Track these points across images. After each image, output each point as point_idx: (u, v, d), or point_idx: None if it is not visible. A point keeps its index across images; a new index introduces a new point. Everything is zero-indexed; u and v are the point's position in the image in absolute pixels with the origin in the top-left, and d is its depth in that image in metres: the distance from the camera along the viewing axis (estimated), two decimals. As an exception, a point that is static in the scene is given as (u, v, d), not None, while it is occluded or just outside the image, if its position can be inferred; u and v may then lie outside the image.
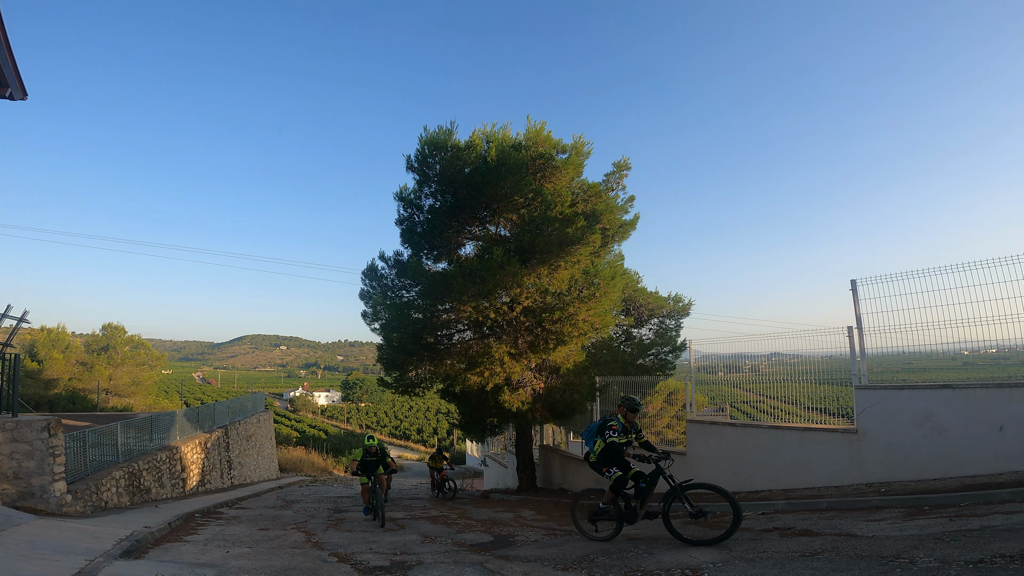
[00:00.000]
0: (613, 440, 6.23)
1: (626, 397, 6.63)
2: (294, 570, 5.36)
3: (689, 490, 5.72)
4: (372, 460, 9.57)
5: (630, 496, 6.22)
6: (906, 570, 3.70)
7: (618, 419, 6.45)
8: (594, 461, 6.43)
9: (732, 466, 9.39)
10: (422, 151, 13.24)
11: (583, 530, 6.55)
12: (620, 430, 6.31)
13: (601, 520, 6.46)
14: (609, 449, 6.29)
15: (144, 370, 38.36)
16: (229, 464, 19.67)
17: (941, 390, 7.44)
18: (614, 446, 6.25)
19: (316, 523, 9.21)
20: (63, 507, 8.46)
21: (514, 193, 12.35)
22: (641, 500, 6.08)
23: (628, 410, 6.49)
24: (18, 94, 8.56)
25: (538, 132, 13.36)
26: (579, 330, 11.89)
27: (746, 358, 10.81)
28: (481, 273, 11.58)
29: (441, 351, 13.16)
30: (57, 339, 34.95)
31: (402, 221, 14.09)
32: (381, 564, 5.62)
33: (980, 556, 3.73)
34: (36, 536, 6.04)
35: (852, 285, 8.37)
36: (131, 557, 5.72)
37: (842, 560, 4.16)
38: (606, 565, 5.00)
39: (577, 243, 11.91)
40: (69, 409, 28.56)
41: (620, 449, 6.21)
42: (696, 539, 5.51)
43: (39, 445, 8.35)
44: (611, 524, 6.37)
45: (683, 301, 16.84)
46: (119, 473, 10.99)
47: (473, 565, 5.36)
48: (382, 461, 9.61)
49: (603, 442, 6.29)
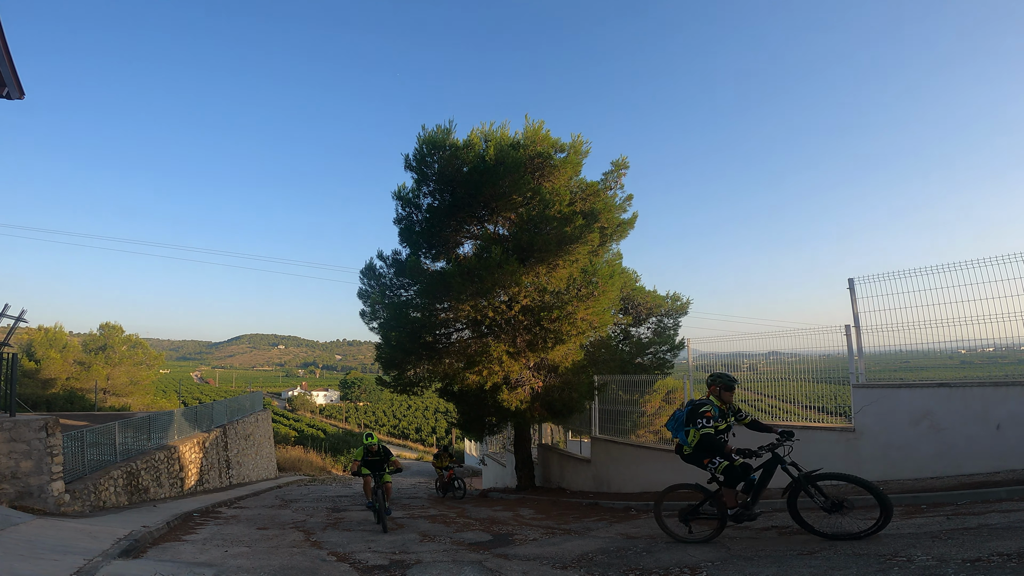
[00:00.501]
0: (708, 432, 5.36)
1: (719, 374, 5.69)
2: (293, 569, 5.36)
3: (818, 480, 4.99)
4: (374, 459, 9.02)
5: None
6: (904, 568, 3.71)
7: (711, 402, 5.55)
8: (690, 453, 5.62)
9: (730, 465, 9.40)
10: (420, 150, 13.23)
11: (671, 531, 5.80)
12: (716, 415, 5.46)
13: (697, 520, 5.67)
14: (705, 441, 5.42)
15: (142, 370, 38.34)
16: (227, 464, 19.65)
17: (938, 389, 7.46)
18: (709, 439, 5.37)
19: (315, 522, 9.20)
20: (61, 507, 8.44)
21: (512, 192, 12.35)
22: (754, 495, 5.29)
23: (722, 388, 5.60)
24: (15, 93, 8.52)
25: (536, 131, 13.35)
26: (577, 329, 11.89)
27: (744, 357, 10.82)
28: (479, 272, 11.57)
29: (440, 350, 13.16)
30: (55, 339, 34.88)
31: (400, 220, 14.08)
32: (380, 563, 5.62)
33: (978, 554, 3.74)
34: (34, 536, 6.03)
35: (850, 284, 8.39)
36: (129, 557, 5.71)
37: (840, 558, 4.17)
38: (605, 564, 5.01)
39: (575, 242, 11.91)
40: (67, 409, 28.51)
41: (719, 442, 5.34)
42: (835, 533, 4.83)
43: (37, 445, 8.33)
44: (710, 524, 5.59)
45: (681, 300, 16.85)
46: (117, 473, 10.97)
47: (472, 564, 5.36)
48: (385, 460, 9.06)
49: (697, 432, 5.44)
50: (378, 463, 8.98)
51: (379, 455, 9.00)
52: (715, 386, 5.65)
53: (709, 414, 5.39)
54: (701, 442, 5.44)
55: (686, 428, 5.60)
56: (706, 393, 5.81)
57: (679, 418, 5.72)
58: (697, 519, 5.64)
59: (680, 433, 5.69)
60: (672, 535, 5.73)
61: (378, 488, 8.63)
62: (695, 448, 5.53)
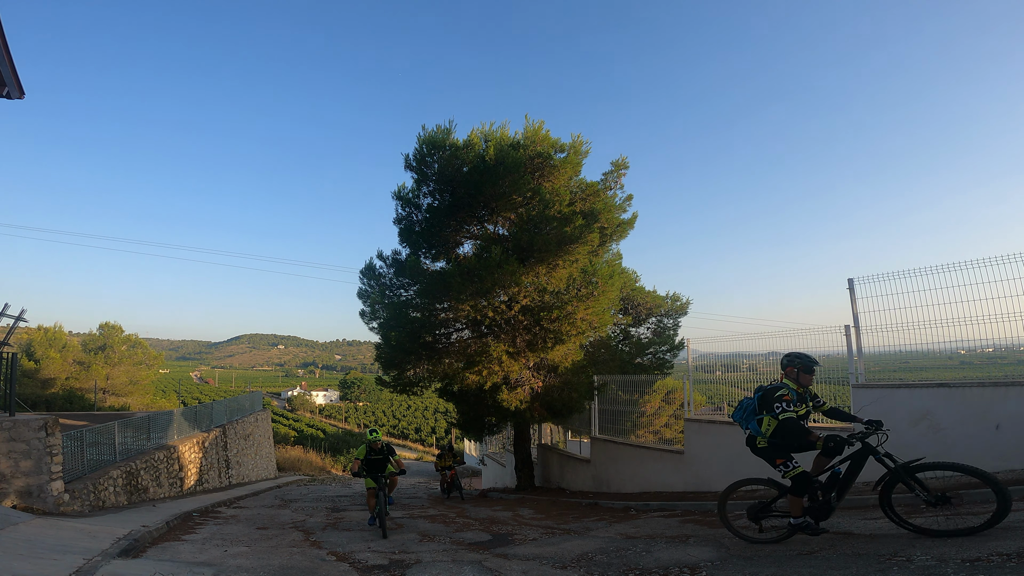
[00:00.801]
0: (790, 416, 4.70)
1: (797, 354, 5.05)
2: (292, 569, 5.36)
3: (918, 471, 4.46)
4: (377, 458, 8.42)
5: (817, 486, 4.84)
6: (903, 568, 3.71)
7: (787, 386, 4.94)
8: (764, 447, 5.02)
9: (730, 464, 9.39)
10: (420, 150, 13.23)
11: (736, 530, 5.30)
12: (795, 399, 4.85)
13: (769, 517, 5.16)
14: (786, 427, 4.74)
15: (141, 369, 38.33)
16: (227, 463, 19.64)
17: (938, 389, 7.46)
18: (792, 425, 4.70)
19: (314, 522, 9.19)
20: (61, 506, 8.44)
21: (512, 192, 12.35)
22: (839, 491, 4.74)
23: (800, 370, 4.97)
24: (15, 93, 8.53)
25: (536, 131, 13.36)
26: (577, 329, 11.90)
27: (744, 357, 10.81)
28: (479, 272, 11.58)
29: (439, 350, 13.16)
30: (54, 338, 34.86)
31: (400, 220, 14.09)
32: (379, 563, 5.62)
33: (977, 554, 3.74)
34: (34, 535, 6.03)
35: (849, 284, 8.39)
36: (129, 556, 5.71)
37: (840, 558, 4.17)
38: (604, 563, 5.01)
39: (575, 242, 11.92)
40: (66, 408, 28.50)
41: (803, 428, 4.72)
42: (945, 529, 4.35)
43: (36, 444, 8.33)
44: (784, 522, 5.07)
45: (681, 300, 16.86)
46: (117, 472, 10.97)
47: (471, 564, 5.36)
48: (387, 460, 8.48)
49: (774, 419, 4.82)
50: (380, 463, 8.46)
51: (381, 453, 8.48)
52: (791, 367, 5.02)
53: (787, 397, 4.77)
54: (781, 429, 4.78)
55: (758, 416, 5.00)
56: (779, 376, 5.20)
57: (748, 406, 5.15)
58: (770, 517, 5.15)
59: (751, 423, 5.08)
60: (739, 535, 5.23)
61: (380, 491, 8.07)
62: (771, 438, 4.91)
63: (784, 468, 4.87)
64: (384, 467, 8.46)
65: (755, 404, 5.07)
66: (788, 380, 5.04)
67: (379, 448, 8.44)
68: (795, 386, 4.98)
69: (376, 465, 8.43)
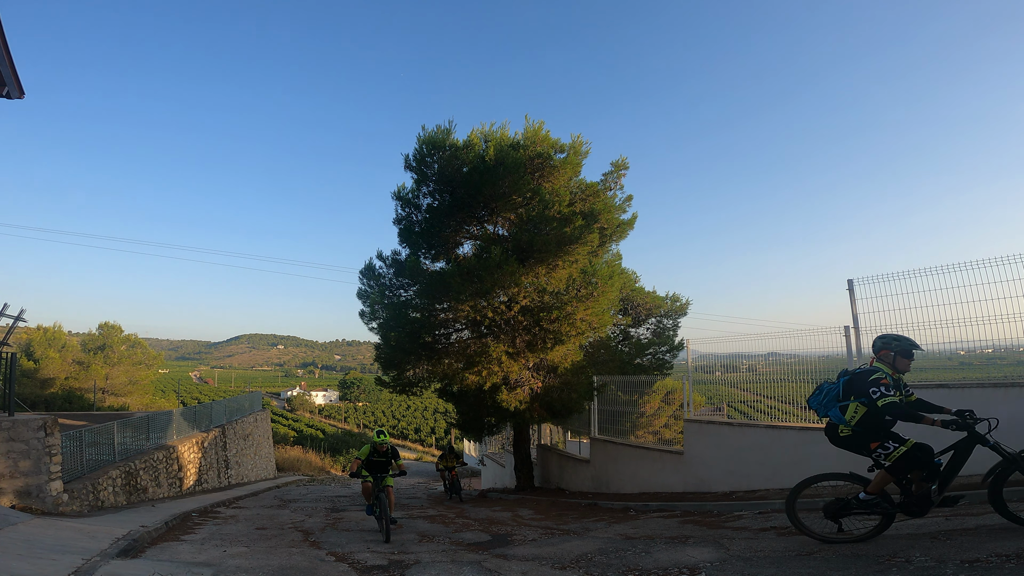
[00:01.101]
0: (892, 400, 4.24)
1: (895, 335, 4.59)
2: (291, 569, 5.35)
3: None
4: (380, 460, 8.07)
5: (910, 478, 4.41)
6: (902, 569, 3.71)
7: (882, 370, 4.46)
8: (848, 435, 4.55)
9: (729, 465, 9.41)
10: (420, 150, 13.24)
11: (810, 530, 4.81)
12: (892, 384, 4.37)
13: (852, 515, 4.65)
14: (888, 411, 4.25)
15: (141, 369, 38.30)
16: (226, 463, 19.64)
17: (937, 389, 7.46)
18: (895, 408, 4.24)
19: (314, 522, 9.19)
20: (60, 506, 8.43)
21: (512, 192, 12.36)
22: (941, 483, 4.32)
23: (898, 354, 4.52)
24: (15, 92, 8.53)
25: (536, 131, 13.36)
26: (577, 329, 11.90)
27: (743, 358, 10.82)
28: (479, 272, 11.58)
29: (439, 350, 13.16)
30: (53, 338, 34.86)
31: (400, 220, 14.09)
32: (379, 563, 5.62)
33: (976, 555, 3.74)
34: (33, 535, 6.02)
35: (849, 285, 8.39)
36: (128, 556, 5.70)
37: (839, 559, 4.17)
38: (604, 564, 5.00)
39: (575, 242, 11.92)
40: (65, 408, 28.48)
41: (911, 412, 4.26)
42: None
43: (36, 444, 8.33)
44: (869, 519, 4.66)
45: (681, 301, 16.86)
46: (116, 472, 10.96)
47: (471, 564, 5.36)
48: (390, 463, 8.12)
49: (863, 405, 4.39)
50: (382, 464, 8.11)
51: (385, 456, 8.12)
52: (887, 350, 4.53)
53: (885, 381, 4.30)
54: (872, 417, 4.33)
55: (842, 403, 4.54)
56: (868, 360, 4.73)
57: (830, 391, 4.67)
58: (852, 514, 4.64)
59: (832, 410, 4.60)
60: (813, 534, 4.78)
61: (379, 491, 7.77)
62: (857, 426, 4.46)
63: (882, 451, 4.36)
64: (386, 469, 8.11)
65: (839, 389, 4.60)
66: (882, 364, 4.55)
67: (384, 450, 8.07)
68: (890, 371, 4.51)
69: (377, 467, 8.11)
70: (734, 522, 6.66)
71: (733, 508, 7.76)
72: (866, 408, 4.38)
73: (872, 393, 4.28)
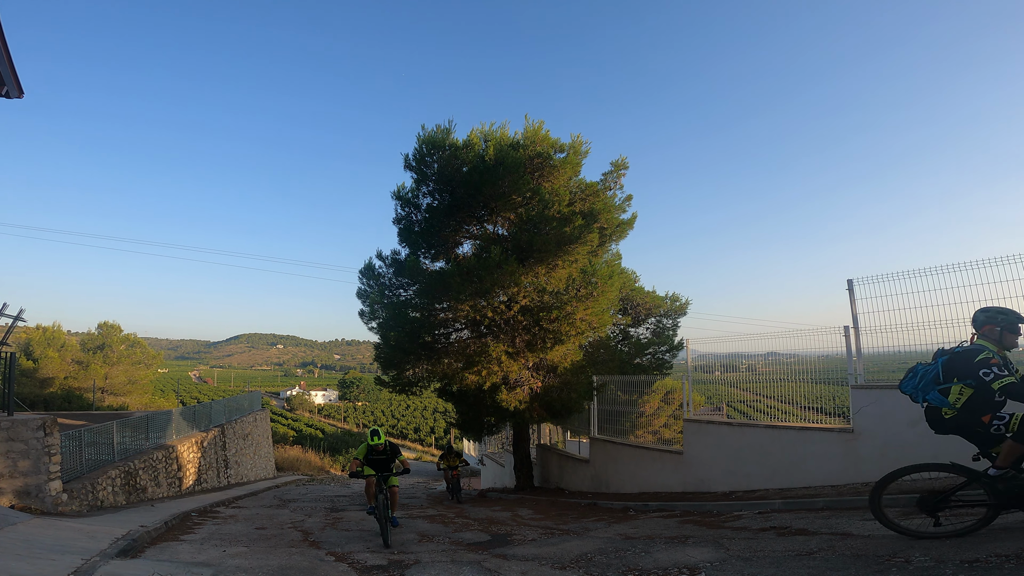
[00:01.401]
0: (1010, 381, 3.83)
1: (999, 308, 4.22)
2: (291, 569, 5.35)
3: None
4: (380, 459, 7.71)
5: None
6: (902, 569, 3.71)
7: (988, 348, 4.06)
8: (954, 417, 4.17)
9: (729, 465, 9.41)
10: (420, 150, 13.23)
11: (898, 525, 4.43)
12: (1002, 364, 3.95)
13: (950, 509, 4.31)
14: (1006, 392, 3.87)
15: (140, 369, 38.26)
16: (226, 463, 19.63)
17: (937, 390, 7.46)
18: (1013, 387, 3.83)
19: (313, 522, 9.18)
20: (59, 506, 8.43)
21: (512, 192, 12.36)
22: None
23: (1005, 329, 4.11)
24: (14, 92, 8.51)
25: (536, 131, 13.36)
26: (577, 329, 11.90)
27: (743, 357, 10.83)
28: (479, 272, 11.58)
29: (439, 350, 13.16)
30: (53, 338, 34.82)
31: (400, 220, 14.09)
32: (378, 563, 5.62)
33: (976, 555, 3.74)
34: (32, 535, 6.01)
35: (848, 285, 8.39)
36: (127, 556, 5.70)
37: (838, 559, 4.17)
38: (603, 564, 5.01)
39: (575, 242, 11.92)
40: (65, 408, 28.45)
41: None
42: None
43: (35, 444, 8.32)
44: (971, 512, 4.29)
45: (680, 300, 16.87)
46: (115, 472, 10.95)
47: (471, 564, 5.36)
48: (392, 461, 7.70)
49: (968, 388, 4.03)
50: (384, 463, 7.68)
51: (385, 454, 7.69)
52: (992, 324, 4.14)
53: (995, 361, 3.91)
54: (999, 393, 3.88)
55: (942, 385, 4.17)
56: (968, 338, 4.33)
57: (927, 373, 4.28)
58: (949, 507, 4.29)
59: (932, 393, 4.23)
60: (902, 530, 4.41)
61: (381, 492, 7.33)
62: (963, 408, 4.09)
63: (998, 421, 3.95)
64: (389, 466, 7.72)
65: (938, 370, 4.21)
66: (985, 341, 4.14)
67: (381, 450, 7.67)
68: (996, 348, 4.09)
69: (378, 465, 7.71)
70: (734, 522, 6.66)
71: (733, 508, 7.76)
72: (972, 390, 4.03)
73: (984, 375, 3.92)
